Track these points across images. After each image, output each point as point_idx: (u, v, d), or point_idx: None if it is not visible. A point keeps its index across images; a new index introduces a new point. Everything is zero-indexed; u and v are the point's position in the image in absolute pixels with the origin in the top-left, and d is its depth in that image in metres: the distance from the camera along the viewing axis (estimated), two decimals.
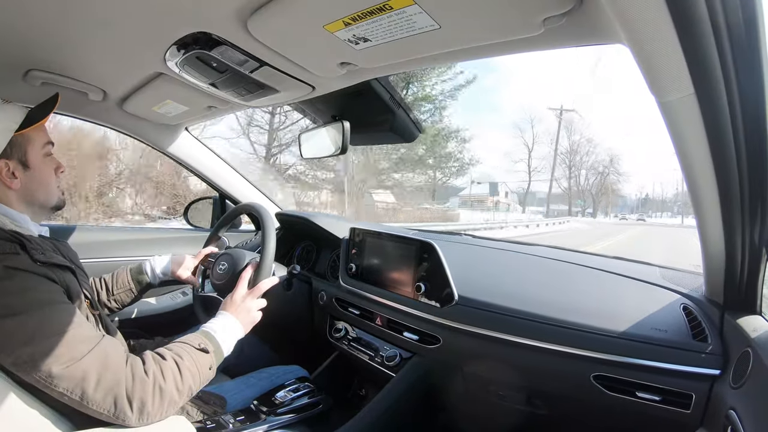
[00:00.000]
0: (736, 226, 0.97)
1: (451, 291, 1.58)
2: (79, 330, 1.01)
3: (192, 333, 1.26)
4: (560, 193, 69.98)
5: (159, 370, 1.06)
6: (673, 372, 1.19)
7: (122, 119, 2.09)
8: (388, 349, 1.82)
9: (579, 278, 1.65)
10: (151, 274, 1.69)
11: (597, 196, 71.73)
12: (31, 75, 1.50)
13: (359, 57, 1.16)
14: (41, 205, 1.25)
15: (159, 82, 1.58)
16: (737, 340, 1.11)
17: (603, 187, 70.31)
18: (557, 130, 63.71)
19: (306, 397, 1.61)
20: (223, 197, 2.72)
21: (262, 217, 1.67)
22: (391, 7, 0.89)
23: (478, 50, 1.07)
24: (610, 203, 72.74)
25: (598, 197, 71.92)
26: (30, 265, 1.02)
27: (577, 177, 69.65)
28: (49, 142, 1.25)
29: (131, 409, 1.00)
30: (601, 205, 72.86)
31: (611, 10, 0.70)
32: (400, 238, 1.83)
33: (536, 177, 64.67)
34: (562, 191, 69.54)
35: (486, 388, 1.58)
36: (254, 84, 1.44)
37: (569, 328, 1.35)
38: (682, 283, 1.48)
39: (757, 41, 0.64)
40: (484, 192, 63.98)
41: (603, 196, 71.73)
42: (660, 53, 0.71)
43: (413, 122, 1.69)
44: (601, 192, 71.18)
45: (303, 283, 2.22)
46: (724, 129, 0.78)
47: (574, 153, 67.42)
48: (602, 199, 72.02)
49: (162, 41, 1.24)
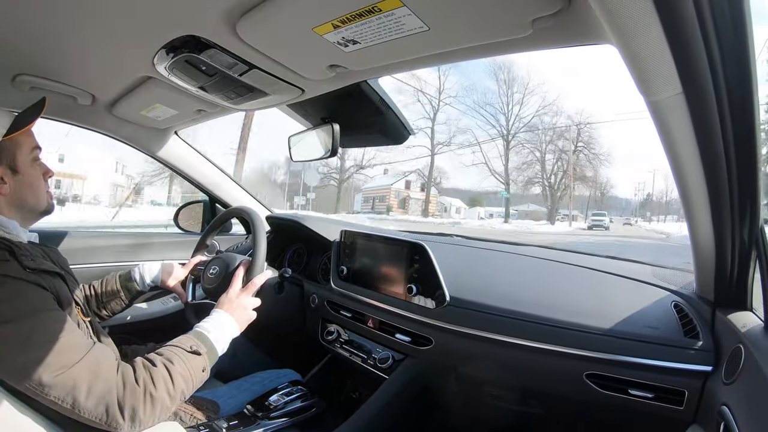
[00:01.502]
0: (725, 224, 0.98)
1: (443, 292, 1.58)
2: (69, 337, 1.00)
3: (184, 335, 1.25)
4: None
5: (149, 377, 1.06)
6: (665, 369, 1.19)
7: (111, 124, 2.08)
8: (380, 351, 1.82)
9: (571, 277, 1.66)
10: (140, 281, 1.68)
11: (555, 186, 48.30)
12: (20, 80, 1.49)
13: (348, 59, 1.16)
14: (30, 210, 1.24)
15: (148, 86, 1.58)
16: (728, 336, 1.11)
17: (567, 172, 46.92)
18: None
19: (299, 401, 1.61)
20: (214, 201, 2.71)
21: (253, 219, 1.66)
22: (380, 9, 0.89)
23: (467, 52, 1.07)
24: (573, 198, 47.44)
25: (558, 188, 48.47)
26: (20, 272, 1.01)
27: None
28: (37, 147, 1.24)
29: (123, 417, 1.00)
30: (563, 201, 49.06)
31: (599, 11, 0.70)
32: (391, 239, 1.83)
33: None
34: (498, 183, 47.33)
35: (479, 388, 1.58)
36: (243, 87, 1.43)
37: (561, 327, 1.36)
38: (673, 281, 1.49)
39: (744, 41, 0.65)
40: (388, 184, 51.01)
41: (566, 189, 47.86)
42: (648, 53, 0.72)
43: (403, 124, 1.70)
44: (562, 182, 47.97)
45: (294, 286, 2.21)
46: (712, 128, 0.79)
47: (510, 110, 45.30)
48: (565, 191, 48.09)
49: (151, 45, 1.23)
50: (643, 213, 68.65)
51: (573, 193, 47.91)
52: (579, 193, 50.54)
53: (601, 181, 50.13)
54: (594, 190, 51.03)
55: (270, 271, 1.64)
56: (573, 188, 47.69)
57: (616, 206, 66.95)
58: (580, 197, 52.46)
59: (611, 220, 48.15)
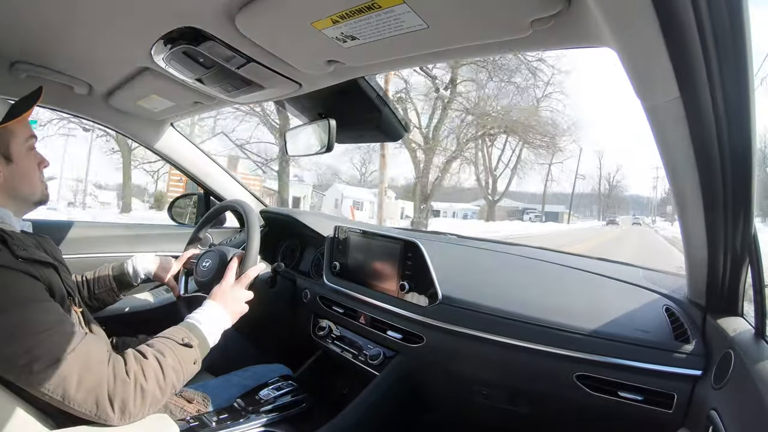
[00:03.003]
0: (719, 230, 0.98)
1: (435, 290, 1.58)
2: (60, 328, 1.00)
3: (176, 326, 1.24)
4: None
5: (140, 370, 1.05)
6: (655, 372, 1.20)
7: (107, 114, 2.07)
8: (371, 347, 1.82)
9: (563, 279, 1.66)
10: (132, 273, 1.67)
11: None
12: (16, 67, 1.49)
13: (347, 55, 1.16)
14: (24, 200, 1.24)
15: (145, 76, 1.57)
16: (719, 341, 1.12)
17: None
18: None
19: (289, 396, 1.61)
20: (208, 194, 2.70)
21: (246, 213, 1.66)
22: (380, 6, 0.88)
23: (465, 50, 1.07)
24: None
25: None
26: (11, 261, 1.01)
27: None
28: (32, 136, 1.24)
29: (113, 409, 0.99)
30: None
31: (599, 14, 0.70)
32: (385, 236, 1.84)
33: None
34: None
35: (470, 387, 1.58)
36: (241, 80, 1.43)
37: (553, 328, 1.36)
38: (665, 285, 1.49)
39: (742, 46, 0.65)
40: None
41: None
42: (646, 57, 0.72)
43: (399, 121, 1.70)
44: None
45: (287, 281, 2.21)
46: (708, 133, 0.79)
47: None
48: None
49: (149, 35, 1.23)
50: (663, 210, 58.11)
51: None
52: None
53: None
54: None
55: (263, 265, 1.64)
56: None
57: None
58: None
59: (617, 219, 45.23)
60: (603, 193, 57.64)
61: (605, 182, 61.23)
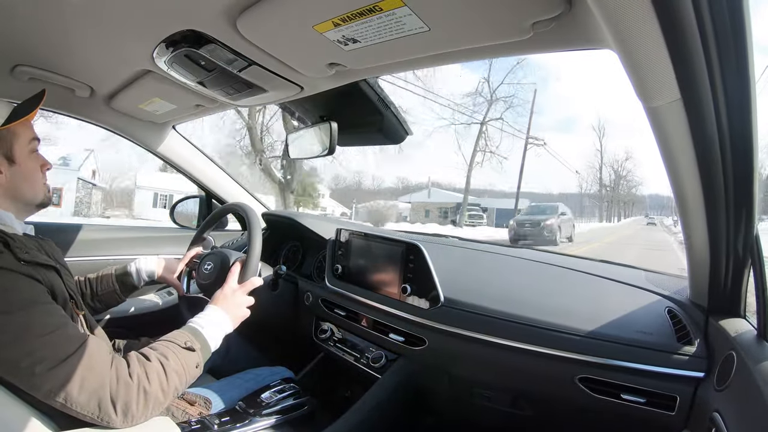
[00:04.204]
0: (720, 232, 0.98)
1: (437, 293, 1.58)
2: (63, 331, 1.00)
3: (178, 330, 1.24)
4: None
5: (144, 372, 1.05)
6: (657, 374, 1.19)
7: (109, 117, 2.08)
8: (373, 350, 1.82)
9: (565, 281, 1.66)
10: (136, 276, 1.67)
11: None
12: (18, 70, 1.49)
13: (348, 58, 1.16)
14: (27, 202, 1.24)
15: (147, 79, 1.58)
16: (721, 342, 1.12)
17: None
18: None
19: (291, 398, 1.61)
20: (210, 197, 2.70)
21: (248, 216, 1.66)
22: (381, 9, 0.89)
23: (466, 53, 1.08)
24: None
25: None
26: (14, 264, 1.01)
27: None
28: (35, 138, 1.24)
29: (115, 412, 0.99)
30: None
31: (600, 16, 0.70)
32: (386, 239, 1.83)
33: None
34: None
35: (471, 389, 1.58)
36: (242, 83, 1.43)
37: (554, 330, 1.36)
38: (667, 287, 1.49)
39: (743, 48, 0.65)
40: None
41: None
42: (647, 59, 0.72)
43: (401, 124, 1.69)
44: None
45: (289, 283, 2.21)
46: (709, 135, 0.79)
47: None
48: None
49: (151, 38, 1.23)
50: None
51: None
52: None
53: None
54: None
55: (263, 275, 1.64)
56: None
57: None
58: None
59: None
60: (607, 185, 49.19)
61: (610, 171, 51.29)
